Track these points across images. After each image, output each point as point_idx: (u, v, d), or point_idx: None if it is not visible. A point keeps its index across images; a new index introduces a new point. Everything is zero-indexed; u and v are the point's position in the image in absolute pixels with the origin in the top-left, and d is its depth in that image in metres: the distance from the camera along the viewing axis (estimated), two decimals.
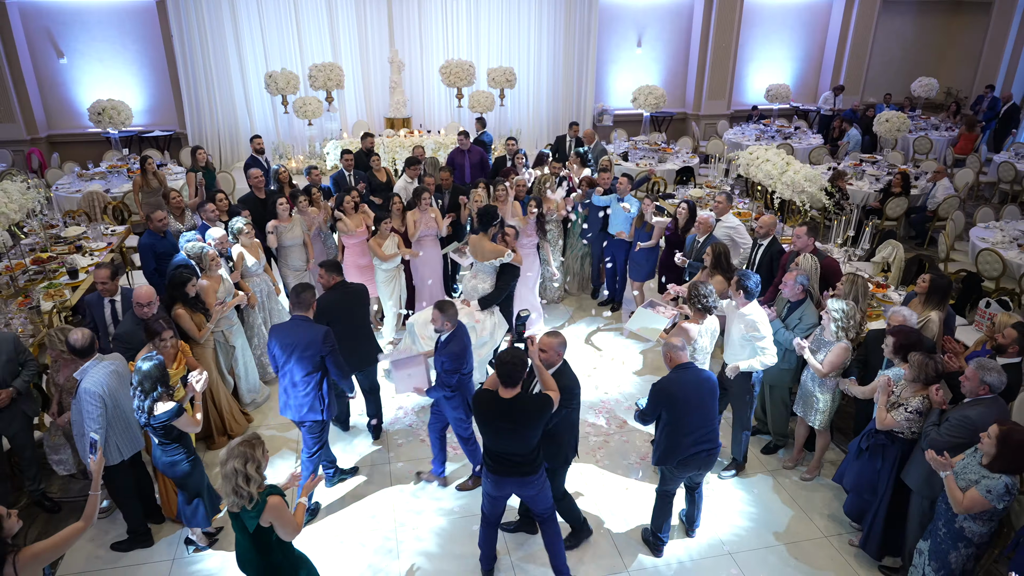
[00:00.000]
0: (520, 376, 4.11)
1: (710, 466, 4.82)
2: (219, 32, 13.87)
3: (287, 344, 4.95)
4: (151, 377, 4.22)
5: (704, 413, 4.62)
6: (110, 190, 10.70)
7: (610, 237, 8.24)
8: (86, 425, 4.49)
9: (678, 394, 4.55)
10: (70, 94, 13.95)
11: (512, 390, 4.11)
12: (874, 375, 5.27)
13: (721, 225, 7.37)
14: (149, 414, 4.21)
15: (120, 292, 5.74)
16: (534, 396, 4.24)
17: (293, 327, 5.03)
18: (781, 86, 15.64)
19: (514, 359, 4.07)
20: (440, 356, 5.06)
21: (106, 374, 4.60)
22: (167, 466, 4.46)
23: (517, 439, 4.15)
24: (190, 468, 4.50)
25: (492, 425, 4.17)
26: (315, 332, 4.95)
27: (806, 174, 8.50)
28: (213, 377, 6.03)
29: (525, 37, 15.65)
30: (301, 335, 4.95)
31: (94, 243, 8.55)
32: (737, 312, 5.38)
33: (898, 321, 5.08)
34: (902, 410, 4.53)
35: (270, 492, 3.39)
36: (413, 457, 6.05)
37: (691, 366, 4.66)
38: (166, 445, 4.39)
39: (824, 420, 5.48)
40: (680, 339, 4.77)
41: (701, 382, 4.62)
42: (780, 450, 6.13)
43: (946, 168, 11.09)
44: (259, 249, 7.00)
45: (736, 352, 5.45)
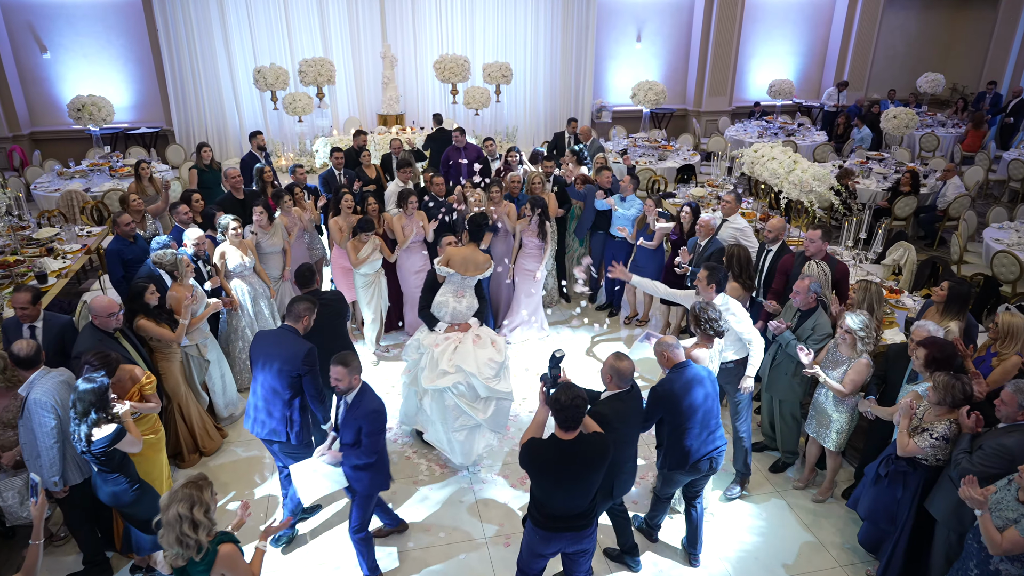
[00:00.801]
0: (583, 416, 3.69)
1: (716, 468, 4.54)
2: (206, 26, 13.50)
3: (266, 353, 4.59)
4: (84, 400, 3.83)
5: (708, 411, 4.36)
6: (90, 189, 10.31)
7: (611, 238, 7.87)
8: (39, 443, 4.15)
9: (680, 395, 4.26)
10: (53, 90, 13.57)
11: (572, 433, 3.69)
12: (895, 391, 4.93)
13: (728, 226, 6.99)
14: (87, 441, 3.81)
15: (43, 318, 5.19)
16: (596, 437, 3.80)
17: (278, 337, 4.67)
18: (784, 82, 15.26)
19: (575, 400, 3.63)
20: (354, 422, 4.16)
21: (55, 384, 4.24)
22: (110, 496, 4.06)
23: (580, 487, 3.71)
24: (136, 497, 4.10)
25: (552, 475, 3.68)
26: (298, 348, 4.56)
27: (814, 173, 8.11)
28: (182, 392, 5.67)
29: (521, 31, 15.27)
30: (284, 348, 4.58)
31: (68, 245, 8.16)
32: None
33: (924, 335, 4.69)
34: (926, 436, 4.15)
35: (221, 540, 3.00)
36: (398, 477, 5.68)
37: (688, 364, 4.37)
38: (107, 474, 3.99)
39: (841, 442, 5.11)
40: (673, 337, 4.47)
41: (702, 380, 4.35)
42: (789, 468, 5.76)
43: (956, 166, 10.69)
44: (249, 248, 6.64)
45: (723, 347, 5.08)
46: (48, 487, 4.25)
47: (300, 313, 4.70)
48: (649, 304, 7.94)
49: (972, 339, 5.26)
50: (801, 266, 5.99)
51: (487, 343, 5.69)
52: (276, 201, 7.34)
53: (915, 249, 7.83)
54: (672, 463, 4.48)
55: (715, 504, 5.34)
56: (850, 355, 4.87)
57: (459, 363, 5.40)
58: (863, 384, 4.89)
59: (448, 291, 5.72)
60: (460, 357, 5.46)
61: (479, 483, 5.57)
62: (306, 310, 4.72)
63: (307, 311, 4.73)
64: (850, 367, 4.85)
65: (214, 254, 6.52)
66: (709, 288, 5.00)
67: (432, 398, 5.46)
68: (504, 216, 7.43)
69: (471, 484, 5.56)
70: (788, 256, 6.19)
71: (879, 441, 5.22)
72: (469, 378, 5.37)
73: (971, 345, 5.09)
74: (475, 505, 5.36)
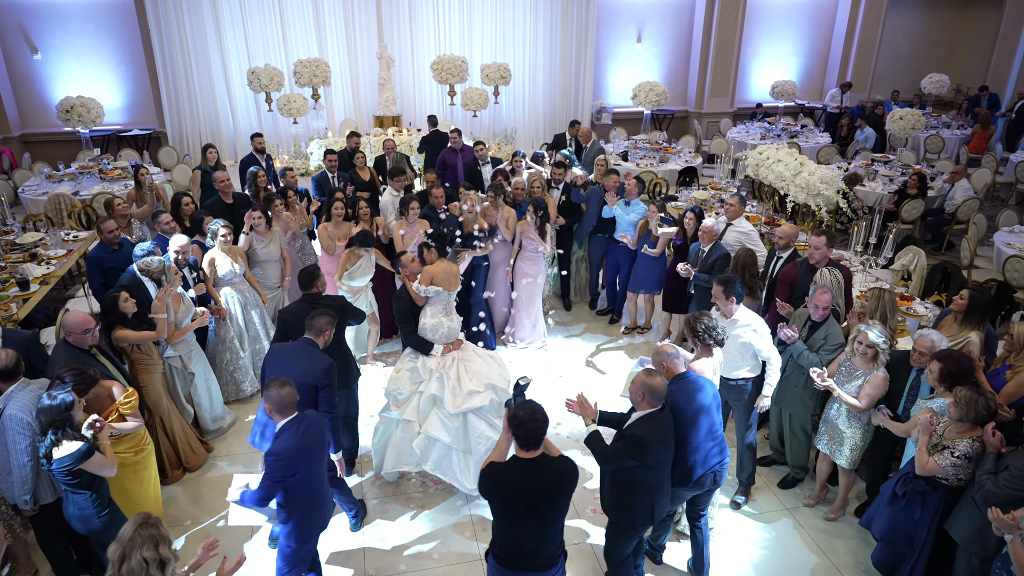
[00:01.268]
0: (543, 434, 3.45)
1: (720, 482, 4.31)
2: (200, 27, 13.29)
3: (284, 365, 4.38)
4: (42, 418, 3.62)
5: (712, 424, 4.14)
6: (79, 192, 10.08)
7: (614, 243, 7.64)
8: (12, 460, 3.95)
9: (683, 408, 4.04)
10: (45, 91, 13.35)
11: (534, 451, 3.44)
12: (895, 400, 4.72)
13: (733, 230, 6.76)
14: (47, 460, 3.57)
15: (1, 334, 4.95)
16: (562, 459, 3.55)
17: (296, 351, 4.52)
18: (787, 82, 15.05)
19: (534, 414, 3.39)
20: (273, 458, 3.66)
21: (33, 398, 4.01)
22: (77, 520, 3.80)
23: (547, 516, 3.45)
24: (104, 524, 3.83)
25: (515, 501, 3.40)
26: (318, 361, 4.42)
27: (822, 175, 7.88)
28: (164, 406, 5.43)
29: (520, 32, 15.06)
30: (302, 360, 4.42)
31: (52, 250, 7.92)
32: (728, 322, 4.80)
33: (927, 346, 4.46)
34: (948, 454, 3.91)
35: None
36: (388, 495, 5.43)
37: (688, 375, 4.15)
38: (75, 493, 3.74)
39: (855, 459, 4.87)
40: (673, 346, 4.25)
41: (704, 390, 4.12)
42: (798, 484, 5.52)
43: (964, 168, 10.46)
44: (239, 255, 6.40)
45: (735, 363, 4.86)
46: (19, 505, 4.07)
47: (321, 327, 4.54)
48: (651, 312, 7.70)
49: (992, 350, 5.02)
50: (806, 275, 5.74)
51: (487, 355, 5.47)
52: (266, 206, 7.11)
53: (924, 254, 7.61)
54: (675, 479, 4.24)
55: (721, 520, 5.10)
56: (866, 368, 4.64)
57: (483, 379, 5.15)
58: (880, 399, 4.67)
59: (437, 311, 5.35)
60: (480, 374, 5.19)
61: (474, 500, 5.32)
62: (327, 324, 4.57)
63: (328, 325, 4.57)
64: (867, 381, 4.62)
65: (203, 260, 6.30)
66: (729, 302, 4.75)
67: (444, 427, 5.05)
68: (503, 222, 7.21)
69: (467, 500, 5.32)
70: (790, 266, 5.93)
71: (886, 452, 5.01)
72: (499, 393, 5.15)
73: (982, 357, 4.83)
74: (470, 523, 5.12)
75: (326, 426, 3.99)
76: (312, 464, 3.77)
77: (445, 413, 5.06)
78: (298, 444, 3.65)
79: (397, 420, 5.23)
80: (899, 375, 4.69)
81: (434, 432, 5.04)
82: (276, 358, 4.55)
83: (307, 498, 3.78)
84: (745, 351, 4.76)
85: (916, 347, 4.54)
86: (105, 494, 3.87)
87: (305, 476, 3.71)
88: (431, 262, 5.47)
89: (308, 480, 3.75)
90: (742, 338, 4.73)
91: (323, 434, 3.88)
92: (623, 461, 3.82)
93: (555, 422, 6.21)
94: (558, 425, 6.18)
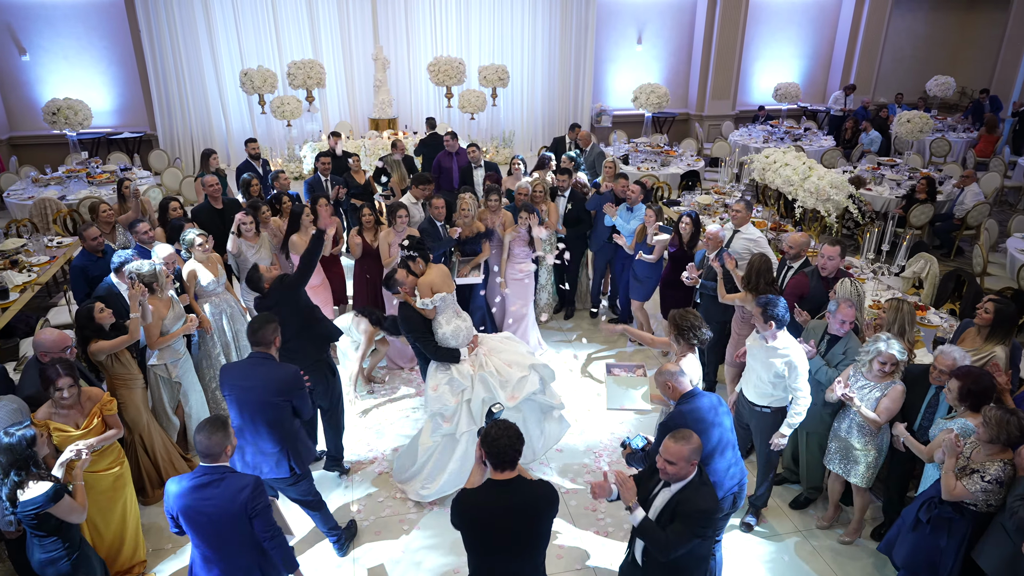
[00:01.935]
0: (518, 453, 3.19)
1: (738, 504, 4.06)
2: (191, 27, 13.03)
3: (242, 387, 4.07)
4: (2, 456, 3.32)
5: (726, 442, 3.92)
6: (65, 196, 9.80)
7: (620, 249, 7.38)
8: None
9: (698, 427, 3.75)
10: (33, 93, 13.07)
11: (509, 472, 3.18)
12: (911, 416, 4.46)
13: (740, 237, 6.48)
14: (11, 503, 3.29)
15: None
16: (541, 483, 3.28)
17: (252, 368, 4.16)
18: (791, 84, 14.80)
19: (507, 431, 3.15)
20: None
21: (7, 412, 3.77)
22: (42, 564, 3.51)
23: (524, 545, 3.19)
24: (71, 569, 3.54)
25: (489, 528, 3.16)
26: (281, 373, 4.12)
27: (831, 179, 7.61)
28: (144, 422, 5.15)
29: (519, 33, 14.80)
30: (262, 377, 4.08)
31: (35, 257, 7.65)
32: (766, 347, 4.48)
33: (948, 364, 4.20)
34: (977, 478, 3.65)
35: None
36: (380, 514, 5.16)
37: (697, 392, 3.89)
38: (41, 538, 3.46)
39: (870, 477, 4.61)
40: (676, 365, 3.98)
41: (714, 408, 3.87)
42: (811, 504, 5.26)
43: (974, 172, 10.22)
44: (218, 264, 6.10)
45: (767, 392, 4.57)
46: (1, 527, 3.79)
47: (268, 338, 4.19)
48: (644, 320, 7.43)
49: (1018, 365, 4.75)
50: (818, 286, 5.46)
51: (502, 338, 5.52)
52: (252, 212, 6.84)
53: (937, 261, 7.36)
54: None
55: (731, 542, 4.83)
56: (880, 381, 4.39)
57: (522, 363, 5.17)
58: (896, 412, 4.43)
59: (450, 316, 5.16)
60: (515, 360, 5.20)
61: None
62: (273, 332, 4.22)
63: (274, 332, 4.23)
64: (885, 395, 4.37)
65: (184, 271, 6.03)
66: (768, 325, 4.39)
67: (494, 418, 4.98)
68: (501, 227, 6.96)
69: None
70: (801, 276, 5.63)
71: (904, 469, 4.75)
72: (539, 369, 5.20)
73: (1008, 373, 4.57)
74: None
75: (243, 497, 3.27)
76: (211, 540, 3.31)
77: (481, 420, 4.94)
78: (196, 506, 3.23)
79: (455, 435, 5.02)
80: (915, 391, 4.44)
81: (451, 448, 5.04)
82: (231, 379, 4.13)
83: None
84: (777, 381, 4.47)
85: (937, 364, 4.28)
86: (75, 535, 3.58)
87: (201, 551, 3.33)
88: (422, 272, 5.23)
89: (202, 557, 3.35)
90: (776, 367, 4.42)
91: (237, 507, 3.25)
92: (691, 543, 3.31)
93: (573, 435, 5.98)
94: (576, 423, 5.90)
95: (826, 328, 4.84)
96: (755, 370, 4.61)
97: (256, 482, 3.31)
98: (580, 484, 5.45)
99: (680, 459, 3.26)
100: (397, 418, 6.30)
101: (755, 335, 4.62)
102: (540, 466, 5.63)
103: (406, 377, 6.95)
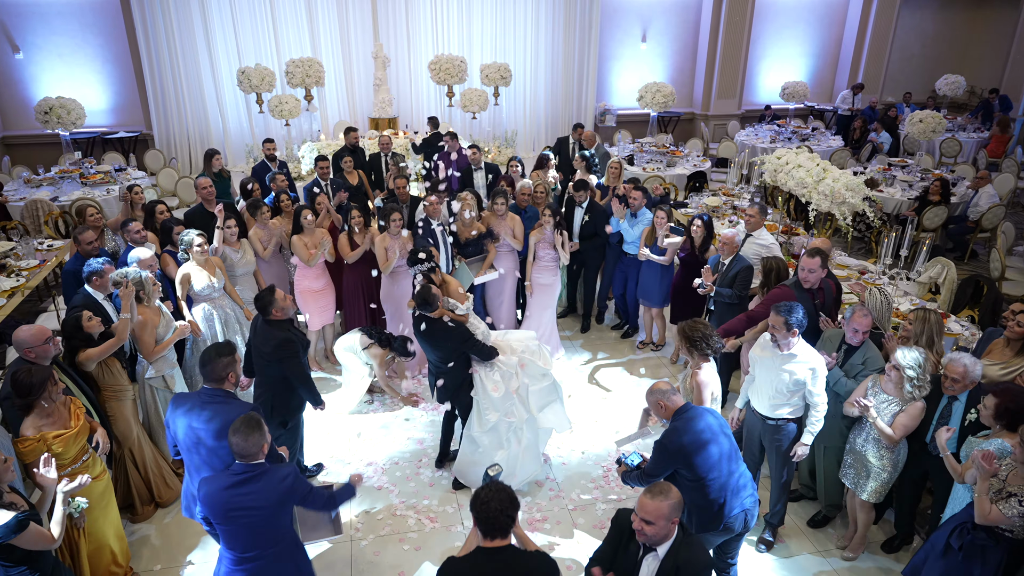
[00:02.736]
0: (512, 520, 2.95)
1: (751, 525, 3.83)
2: (187, 25, 12.78)
3: (189, 426, 3.67)
4: None
5: (728, 456, 3.68)
6: (58, 198, 9.57)
7: (624, 254, 7.16)
8: None
9: (694, 445, 3.59)
10: (27, 92, 12.81)
11: (500, 540, 2.93)
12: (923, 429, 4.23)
13: (752, 242, 6.25)
14: None
15: None
16: (538, 555, 3.03)
17: (202, 407, 3.69)
18: (798, 84, 14.55)
19: (498, 493, 2.91)
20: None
21: None
22: None
23: None
24: None
25: None
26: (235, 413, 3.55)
27: (847, 182, 7.36)
28: (134, 436, 4.93)
29: (521, 30, 14.55)
30: (218, 421, 3.62)
31: (24, 261, 7.42)
32: (781, 355, 4.25)
33: (959, 372, 4.00)
34: (1015, 502, 3.42)
35: None
36: (380, 534, 4.92)
37: (689, 407, 3.71)
38: (8, 568, 3.22)
39: (880, 493, 4.42)
40: (665, 382, 3.80)
41: (704, 417, 3.69)
42: (829, 522, 5.03)
43: (989, 173, 9.98)
44: (218, 267, 5.90)
45: (781, 401, 4.35)
46: None
47: (219, 373, 3.70)
48: (662, 327, 7.21)
49: None
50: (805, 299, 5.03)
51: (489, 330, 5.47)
52: (251, 212, 6.63)
53: (954, 265, 7.12)
54: (701, 523, 3.77)
55: (745, 562, 4.59)
56: (896, 395, 4.17)
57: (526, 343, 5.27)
58: (913, 431, 4.21)
59: (475, 319, 5.25)
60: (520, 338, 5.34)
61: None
62: (225, 367, 3.72)
63: (227, 367, 3.73)
64: (903, 411, 4.17)
65: (177, 274, 5.81)
66: (790, 334, 4.17)
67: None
68: (509, 232, 6.73)
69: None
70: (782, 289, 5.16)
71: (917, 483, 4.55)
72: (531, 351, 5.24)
73: None
74: None
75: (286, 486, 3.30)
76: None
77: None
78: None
79: (520, 425, 5.12)
80: (927, 402, 4.22)
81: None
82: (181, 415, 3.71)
83: None
84: (796, 389, 4.25)
85: (947, 372, 4.07)
86: (47, 563, 3.32)
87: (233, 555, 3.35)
88: (441, 283, 5.31)
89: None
90: (796, 375, 4.21)
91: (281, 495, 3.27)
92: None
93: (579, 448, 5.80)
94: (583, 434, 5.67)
95: (843, 337, 4.63)
96: (767, 381, 4.38)
97: (295, 471, 3.34)
98: (588, 498, 5.23)
99: (659, 517, 2.96)
100: (396, 427, 6.09)
101: (763, 345, 4.40)
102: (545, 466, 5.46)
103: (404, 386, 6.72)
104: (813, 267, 5.05)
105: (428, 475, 5.49)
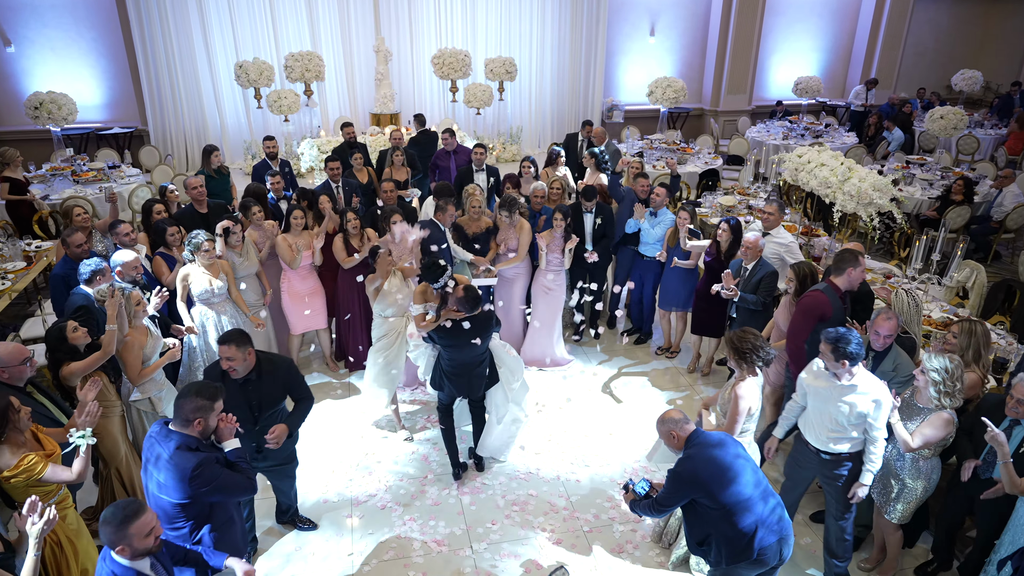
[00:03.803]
0: None
1: (785, 558, 3.55)
2: (183, 18, 12.43)
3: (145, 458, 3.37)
4: None
5: (744, 479, 3.41)
6: (49, 196, 9.23)
7: (640, 256, 6.82)
8: None
9: (710, 473, 3.39)
10: (19, 87, 12.46)
11: None
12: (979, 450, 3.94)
13: (771, 241, 5.95)
14: None
15: None
16: None
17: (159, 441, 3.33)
18: (811, 79, 14.20)
19: None
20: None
21: None
22: None
23: None
24: None
25: None
26: (183, 468, 3.20)
27: (873, 182, 7.01)
28: (122, 455, 4.61)
29: (527, 24, 14.20)
30: (162, 464, 3.26)
31: (10, 263, 7.09)
32: (839, 385, 3.87)
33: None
34: None
35: None
36: (384, 560, 4.60)
37: (699, 432, 3.54)
38: None
39: (907, 514, 4.12)
40: (678, 411, 3.58)
41: (721, 445, 3.50)
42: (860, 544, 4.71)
43: (1013, 172, 9.63)
44: (223, 271, 5.64)
45: (840, 434, 3.95)
46: None
47: (188, 415, 3.28)
48: (682, 332, 6.88)
49: None
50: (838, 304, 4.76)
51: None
52: (244, 213, 6.30)
53: (984, 269, 6.79)
54: (731, 555, 3.46)
55: None
56: (928, 404, 3.87)
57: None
58: (940, 444, 3.92)
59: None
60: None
61: (485, 561, 4.50)
62: (197, 410, 3.28)
63: (199, 411, 3.29)
64: (926, 420, 3.88)
65: (175, 275, 5.57)
66: (840, 364, 3.78)
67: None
68: (519, 236, 6.40)
69: (475, 566, 4.50)
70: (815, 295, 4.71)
71: (959, 506, 4.20)
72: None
73: None
74: None
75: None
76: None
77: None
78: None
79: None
80: (991, 420, 3.88)
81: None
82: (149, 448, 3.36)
83: None
84: (858, 423, 3.88)
85: (1015, 394, 3.74)
86: None
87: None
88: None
89: None
90: (859, 407, 3.84)
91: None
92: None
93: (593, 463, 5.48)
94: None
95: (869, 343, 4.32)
96: (823, 412, 3.99)
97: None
98: (604, 520, 4.90)
99: None
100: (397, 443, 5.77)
101: (816, 373, 4.04)
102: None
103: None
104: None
105: (435, 493, 5.17)
